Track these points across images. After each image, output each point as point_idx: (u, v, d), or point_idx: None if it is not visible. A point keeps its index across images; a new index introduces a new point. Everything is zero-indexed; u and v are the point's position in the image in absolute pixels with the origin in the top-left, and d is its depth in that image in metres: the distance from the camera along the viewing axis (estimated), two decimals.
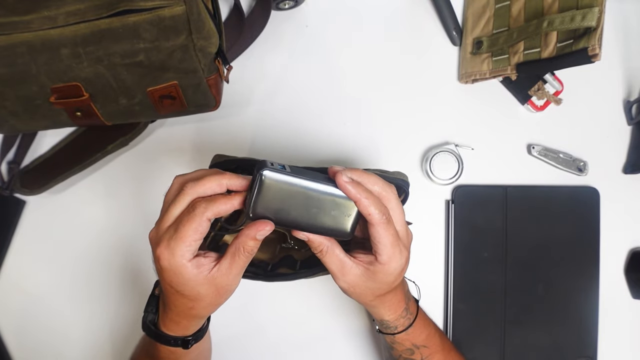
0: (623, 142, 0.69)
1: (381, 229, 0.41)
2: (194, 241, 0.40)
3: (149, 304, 0.48)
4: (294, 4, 0.66)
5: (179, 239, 0.39)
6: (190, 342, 0.47)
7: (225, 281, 0.42)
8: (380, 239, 0.42)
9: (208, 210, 0.39)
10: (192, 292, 0.42)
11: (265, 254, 0.56)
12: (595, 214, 0.67)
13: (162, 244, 0.40)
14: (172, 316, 0.45)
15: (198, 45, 0.51)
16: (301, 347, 0.67)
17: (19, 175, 0.65)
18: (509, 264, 0.66)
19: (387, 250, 0.42)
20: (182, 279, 0.41)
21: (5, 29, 0.47)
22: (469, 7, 0.68)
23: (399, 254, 0.43)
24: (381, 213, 0.41)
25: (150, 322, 0.47)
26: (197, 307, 0.43)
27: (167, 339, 0.47)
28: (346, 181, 0.40)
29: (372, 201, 0.40)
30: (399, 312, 0.50)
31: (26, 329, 0.66)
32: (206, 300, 0.43)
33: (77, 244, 0.66)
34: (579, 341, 0.66)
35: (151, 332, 0.47)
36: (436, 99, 0.68)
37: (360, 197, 0.40)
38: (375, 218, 0.41)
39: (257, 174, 0.39)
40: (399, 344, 0.53)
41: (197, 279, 0.41)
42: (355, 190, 0.40)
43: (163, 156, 0.67)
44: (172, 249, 0.39)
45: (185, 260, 0.40)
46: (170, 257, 0.40)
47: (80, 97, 0.53)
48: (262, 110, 0.67)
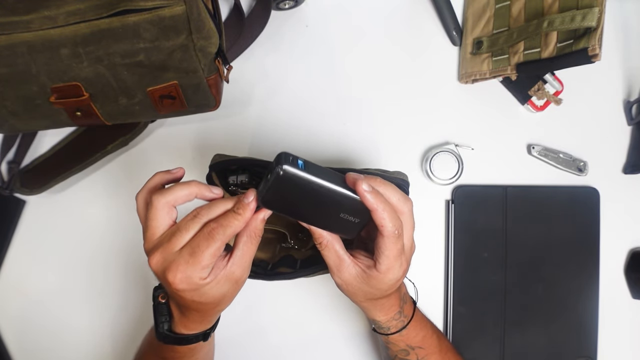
0: (623, 142, 0.69)
1: (390, 241, 0.41)
2: (210, 264, 0.40)
3: (160, 313, 0.47)
4: (294, 4, 0.66)
5: (197, 263, 0.39)
6: (209, 333, 0.48)
7: (240, 271, 0.42)
8: (384, 251, 0.42)
9: (226, 235, 0.39)
10: (215, 297, 0.42)
11: (265, 254, 0.56)
12: (595, 214, 0.67)
13: (176, 269, 0.39)
14: (196, 318, 0.46)
15: (198, 45, 0.51)
16: (302, 348, 0.67)
17: (19, 175, 0.65)
18: (508, 264, 0.66)
19: (389, 262, 0.42)
20: (202, 292, 0.41)
21: (5, 29, 0.47)
22: (469, 7, 0.68)
23: (398, 267, 0.43)
24: (394, 227, 0.41)
25: (168, 331, 0.47)
26: (222, 303, 0.44)
27: (189, 339, 0.47)
28: (367, 190, 0.40)
29: (388, 213, 0.40)
30: (392, 315, 0.50)
31: (26, 329, 0.66)
32: (228, 295, 0.43)
33: (77, 243, 0.66)
34: (579, 341, 0.66)
35: (170, 340, 0.47)
36: (436, 99, 0.68)
37: (378, 207, 0.40)
38: (388, 230, 0.41)
39: (275, 167, 0.39)
40: (393, 344, 0.53)
41: (217, 284, 0.41)
42: (374, 200, 0.40)
43: (163, 156, 0.67)
44: (189, 273, 0.39)
45: (203, 280, 0.40)
46: (188, 280, 0.39)
47: (80, 97, 0.53)
48: (262, 110, 0.67)
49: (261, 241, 0.56)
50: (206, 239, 0.39)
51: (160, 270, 0.40)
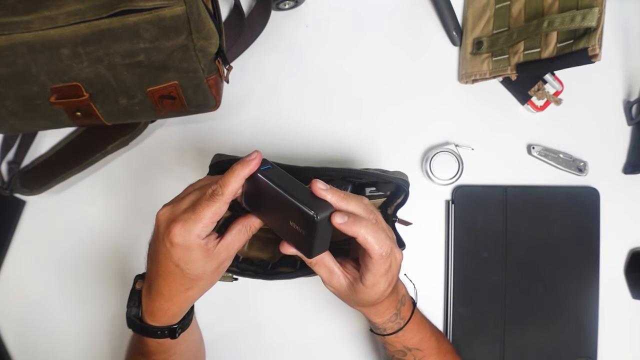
0: (623, 142, 0.69)
1: (377, 263, 0.41)
2: (211, 222, 0.41)
3: (131, 298, 0.49)
4: (294, 4, 0.66)
5: (198, 220, 0.40)
6: (177, 330, 0.48)
7: (225, 256, 0.43)
8: (371, 269, 0.42)
9: (225, 195, 0.41)
10: (197, 270, 0.43)
11: (265, 254, 0.56)
12: (595, 214, 0.67)
13: (178, 222, 0.41)
14: (161, 303, 0.45)
15: (198, 45, 0.51)
16: (301, 347, 0.67)
17: (19, 175, 0.65)
18: (509, 264, 0.66)
19: (374, 279, 0.43)
20: (192, 256, 0.42)
21: (5, 29, 0.47)
22: (469, 7, 0.68)
23: (384, 282, 0.43)
24: (381, 248, 0.41)
25: (134, 316, 0.48)
26: (195, 287, 0.44)
27: (154, 331, 0.47)
28: (340, 222, 0.40)
29: (372, 237, 0.40)
30: (387, 317, 0.50)
31: (26, 329, 0.66)
32: (205, 278, 0.44)
33: (77, 243, 0.66)
34: (579, 341, 0.66)
35: (136, 326, 0.48)
36: (436, 99, 0.68)
37: (359, 234, 0.40)
38: (375, 253, 0.41)
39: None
40: (390, 344, 0.54)
41: (205, 256, 0.42)
42: (353, 228, 0.40)
43: (163, 156, 0.67)
44: (188, 227, 0.40)
45: (200, 239, 0.41)
46: (186, 234, 0.40)
47: (80, 97, 0.53)
48: (262, 110, 0.67)
49: (261, 241, 0.56)
50: (207, 199, 0.41)
51: (165, 221, 0.42)
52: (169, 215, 0.42)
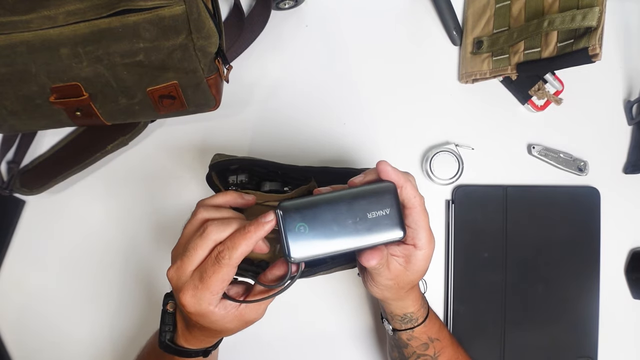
0: (623, 142, 0.69)
1: (422, 211, 0.42)
2: (220, 289, 0.39)
3: (165, 322, 0.47)
4: (294, 4, 0.66)
5: (206, 289, 0.39)
6: (211, 351, 0.48)
7: (254, 316, 0.43)
8: (420, 223, 0.42)
9: (233, 259, 0.38)
10: (219, 328, 0.42)
11: (266, 254, 0.56)
12: (596, 214, 0.67)
13: (186, 292, 0.39)
14: (198, 336, 0.46)
15: (198, 44, 0.51)
16: (301, 347, 0.66)
17: (18, 175, 0.65)
18: (508, 264, 0.66)
19: (427, 234, 0.43)
20: (209, 320, 0.41)
21: (5, 29, 0.46)
22: (469, 6, 0.68)
23: (432, 237, 0.44)
24: (417, 194, 0.42)
25: (169, 341, 0.47)
26: (228, 333, 0.45)
27: (189, 353, 0.47)
28: (387, 167, 0.40)
29: (410, 184, 0.41)
30: (420, 302, 0.51)
31: (26, 329, 0.66)
32: (235, 330, 0.44)
33: (77, 244, 0.66)
34: (579, 341, 0.66)
35: (171, 350, 0.47)
36: (436, 99, 0.68)
37: (400, 179, 0.41)
38: (418, 200, 0.42)
39: (280, 219, 0.38)
40: (417, 338, 0.53)
41: (224, 319, 0.41)
42: (397, 173, 0.40)
43: (163, 156, 0.67)
44: (198, 298, 0.39)
45: (212, 307, 0.40)
46: (197, 305, 0.40)
47: (80, 97, 0.53)
48: (262, 110, 0.67)
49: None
50: (213, 265, 0.38)
51: (174, 287, 0.41)
52: (176, 281, 0.40)
